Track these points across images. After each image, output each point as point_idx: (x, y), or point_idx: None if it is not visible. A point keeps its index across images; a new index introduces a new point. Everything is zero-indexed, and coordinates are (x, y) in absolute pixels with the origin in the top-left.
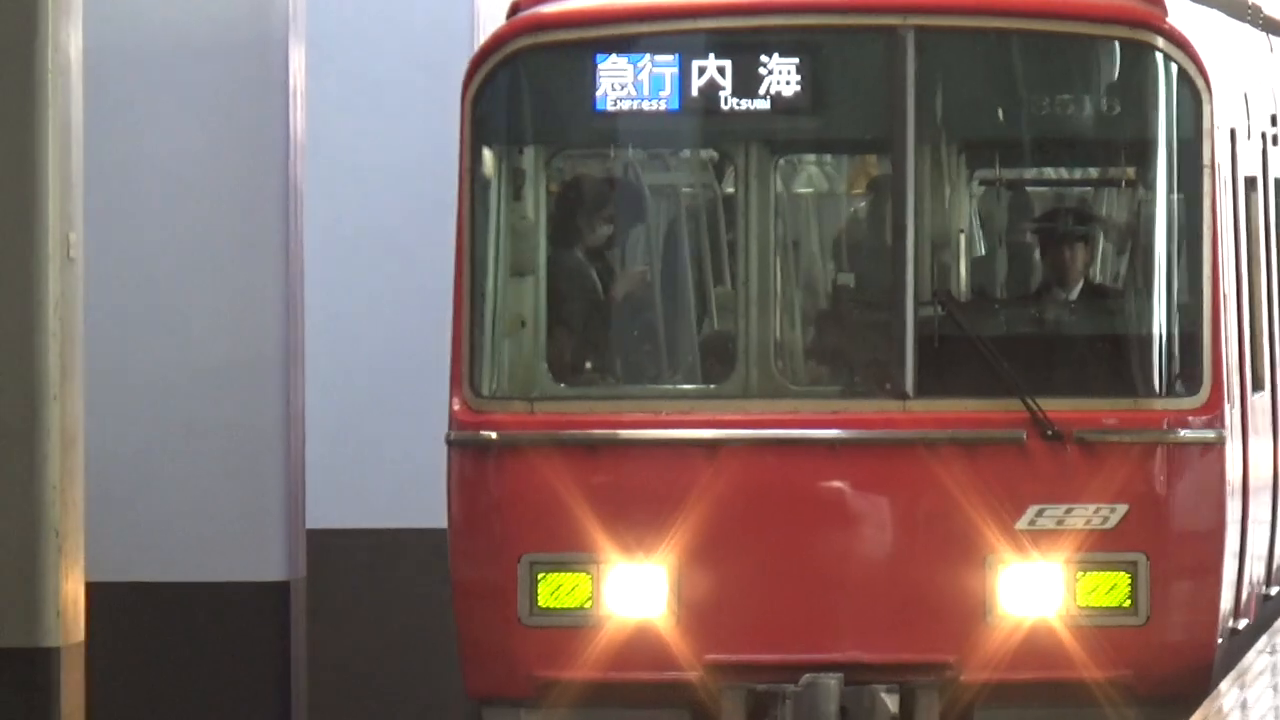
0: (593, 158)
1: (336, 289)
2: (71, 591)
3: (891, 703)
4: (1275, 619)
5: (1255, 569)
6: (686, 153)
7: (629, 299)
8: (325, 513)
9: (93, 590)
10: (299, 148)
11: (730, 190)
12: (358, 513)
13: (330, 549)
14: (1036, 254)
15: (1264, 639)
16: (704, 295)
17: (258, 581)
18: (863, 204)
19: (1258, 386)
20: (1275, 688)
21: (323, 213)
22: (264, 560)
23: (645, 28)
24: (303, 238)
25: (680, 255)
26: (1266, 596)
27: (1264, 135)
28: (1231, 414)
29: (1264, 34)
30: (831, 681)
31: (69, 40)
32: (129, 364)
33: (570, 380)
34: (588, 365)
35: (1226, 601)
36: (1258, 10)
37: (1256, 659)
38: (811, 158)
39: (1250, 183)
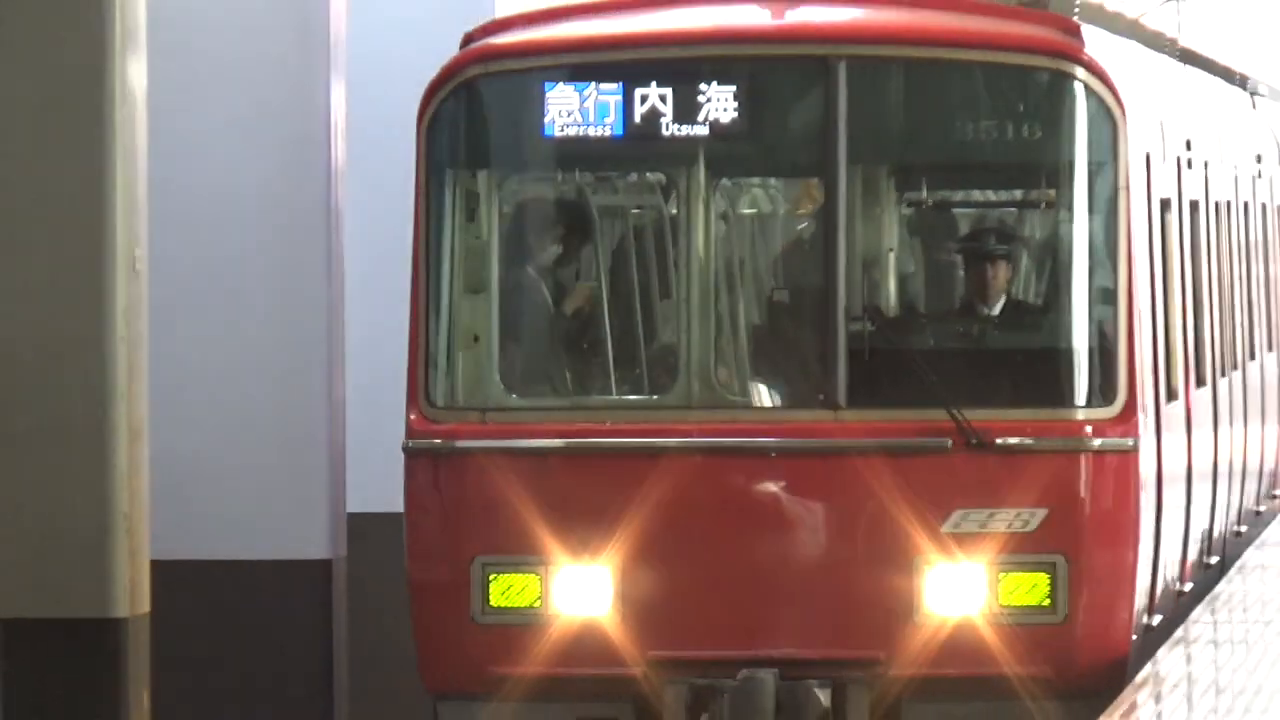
0: (542, 181)
1: (373, 296)
2: (137, 568)
3: (824, 697)
4: (1188, 614)
5: (1169, 568)
6: (631, 176)
7: (577, 315)
8: (362, 497)
9: (156, 567)
10: (339, 170)
11: (673, 211)
12: (392, 498)
13: (367, 531)
14: (961, 271)
15: (1179, 632)
16: (648, 311)
17: (303, 559)
18: (798, 224)
19: (1171, 397)
20: (1189, 677)
21: (360, 229)
22: (309, 540)
23: (590, 58)
24: (343, 250)
25: (626, 273)
26: (1180, 593)
27: (1178, 159)
28: (1145, 423)
29: (1180, 64)
30: (767, 677)
31: (135, 76)
32: (189, 365)
33: (521, 392)
34: (537, 378)
35: (1141, 599)
36: (1174, 42)
37: (1170, 653)
38: (750, 180)
39: (1165, 204)
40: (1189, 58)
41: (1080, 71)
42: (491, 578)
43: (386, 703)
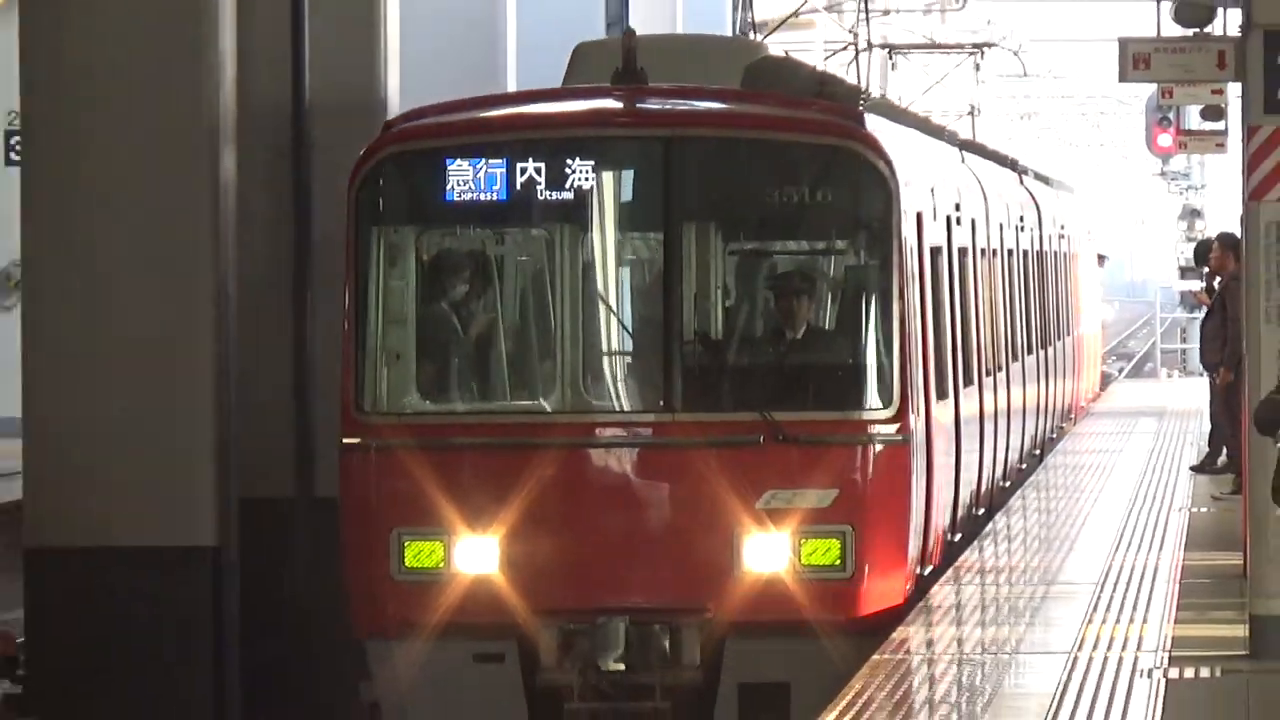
0: (445, 234)
1: None
2: None
3: (664, 638)
4: (957, 559)
5: (942, 523)
6: (516, 230)
7: (477, 339)
8: None
9: None
10: None
11: (549, 258)
12: None
13: None
14: (772, 304)
15: (948, 574)
16: (530, 337)
17: None
18: (645, 268)
19: (944, 396)
20: (958, 607)
21: None
22: None
23: (481, 139)
24: None
25: (514, 306)
26: (951, 542)
27: (948, 218)
28: (916, 421)
29: (957, 149)
30: (619, 622)
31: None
32: None
33: (431, 400)
34: (444, 389)
35: (914, 555)
36: (954, 133)
37: (940, 593)
38: (607, 233)
39: (936, 250)
40: (966, 145)
41: (860, 148)
42: (406, 544)
43: None
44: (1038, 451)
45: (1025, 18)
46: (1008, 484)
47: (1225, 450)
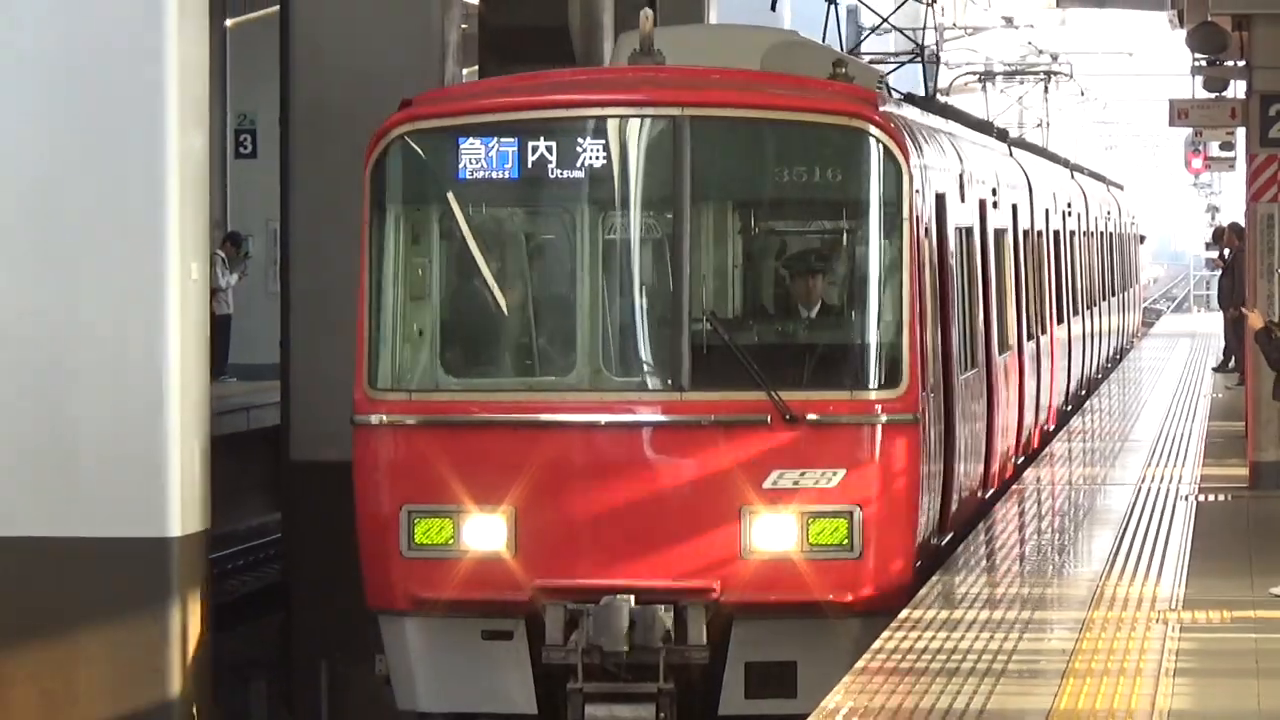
0: (459, 213)
1: None
2: None
3: (667, 619)
4: (992, 509)
5: (967, 487)
6: (529, 208)
7: (486, 318)
8: None
9: None
10: None
11: (560, 237)
12: None
13: None
14: (787, 282)
15: (1061, 433)
16: (541, 314)
17: None
18: (655, 246)
19: (974, 366)
20: (1067, 455)
21: None
22: None
23: (493, 118)
24: None
25: (524, 285)
26: (983, 500)
27: (981, 201)
28: (927, 400)
29: (1003, 144)
30: (623, 602)
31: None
32: None
33: (441, 377)
34: (457, 365)
35: (924, 533)
36: (1004, 131)
37: (1051, 446)
38: (617, 211)
39: (966, 231)
40: (1019, 144)
41: (873, 129)
42: (415, 521)
43: None
44: (1117, 357)
45: (1111, 85)
46: (1051, 428)
47: (1233, 358)
